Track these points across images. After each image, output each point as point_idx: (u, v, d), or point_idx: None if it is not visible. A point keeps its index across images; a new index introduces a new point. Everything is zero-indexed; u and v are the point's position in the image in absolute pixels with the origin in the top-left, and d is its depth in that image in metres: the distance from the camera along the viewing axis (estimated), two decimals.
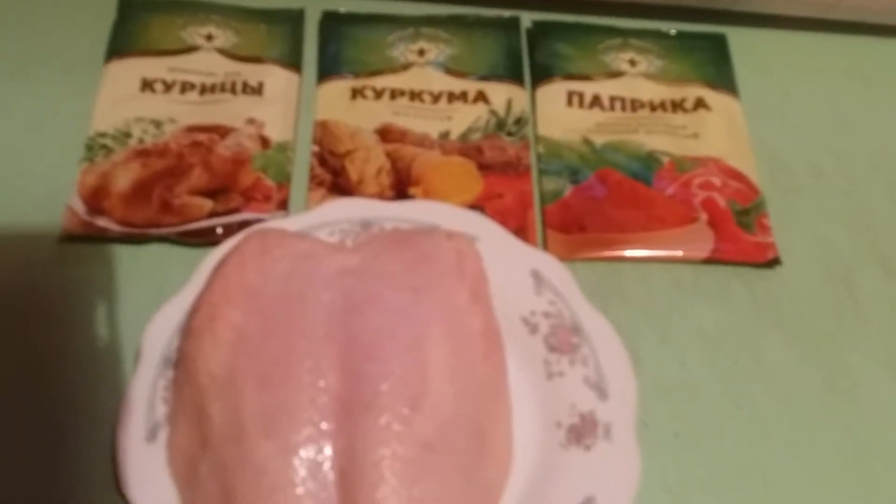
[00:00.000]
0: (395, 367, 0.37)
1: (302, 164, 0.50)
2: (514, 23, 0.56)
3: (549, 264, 0.45)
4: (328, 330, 0.38)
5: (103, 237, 0.46)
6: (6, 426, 0.41)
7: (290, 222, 0.45)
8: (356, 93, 0.52)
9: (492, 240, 0.45)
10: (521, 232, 0.48)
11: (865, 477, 0.42)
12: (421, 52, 0.54)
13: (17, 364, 0.43)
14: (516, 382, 0.42)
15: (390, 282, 0.39)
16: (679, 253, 0.48)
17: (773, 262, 0.48)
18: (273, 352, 0.38)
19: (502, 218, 0.48)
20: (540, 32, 0.56)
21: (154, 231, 0.46)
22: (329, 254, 0.41)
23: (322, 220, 0.46)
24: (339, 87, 0.53)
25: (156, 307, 0.43)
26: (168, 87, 0.51)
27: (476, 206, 0.48)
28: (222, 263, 0.41)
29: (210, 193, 0.47)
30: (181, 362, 0.40)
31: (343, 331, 0.38)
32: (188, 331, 0.40)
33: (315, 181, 0.49)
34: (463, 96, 0.53)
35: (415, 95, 0.53)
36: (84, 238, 0.46)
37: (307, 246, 0.41)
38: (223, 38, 0.54)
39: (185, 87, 0.52)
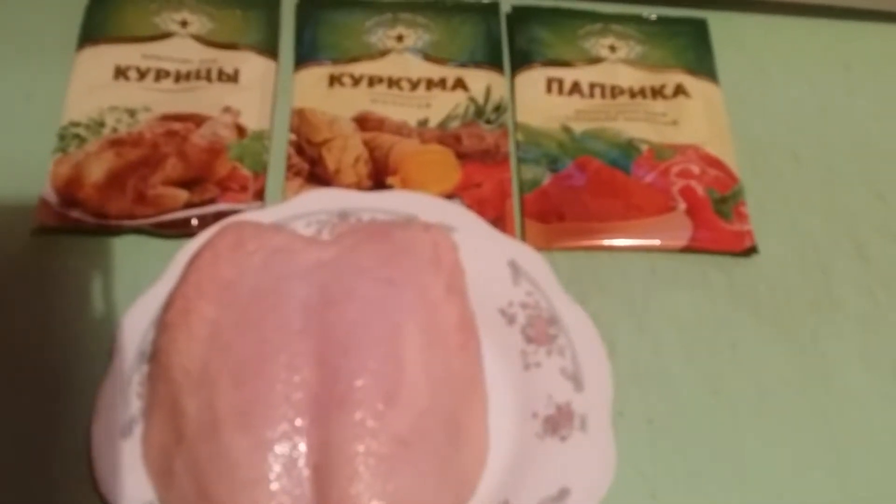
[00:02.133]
0: (369, 363, 0.37)
1: (279, 154, 0.50)
2: (493, 8, 0.55)
3: (526, 255, 0.45)
4: (303, 324, 0.38)
5: (77, 229, 0.46)
6: None
7: (267, 213, 0.45)
8: (334, 80, 0.52)
9: (469, 230, 0.45)
10: (500, 221, 0.47)
11: (840, 463, 0.42)
12: (399, 38, 0.54)
13: None
14: (493, 373, 0.42)
15: (366, 275, 0.39)
16: (657, 242, 0.48)
17: (751, 251, 0.48)
18: (247, 347, 0.37)
19: (480, 207, 0.48)
20: (519, 18, 0.55)
21: (129, 222, 0.46)
22: (304, 247, 0.40)
23: (298, 211, 0.45)
24: (316, 74, 0.52)
25: (131, 300, 0.43)
26: (142, 74, 0.51)
27: (454, 196, 0.48)
28: (196, 257, 0.40)
29: (185, 184, 0.47)
30: (155, 357, 0.40)
31: (318, 325, 0.38)
32: (162, 325, 0.40)
33: (292, 171, 0.49)
34: (442, 83, 0.52)
35: (393, 82, 0.52)
36: (58, 230, 0.46)
37: (282, 239, 0.41)
38: (198, 23, 0.53)
39: (160, 74, 0.51)
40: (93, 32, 0.52)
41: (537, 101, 0.52)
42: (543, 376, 0.42)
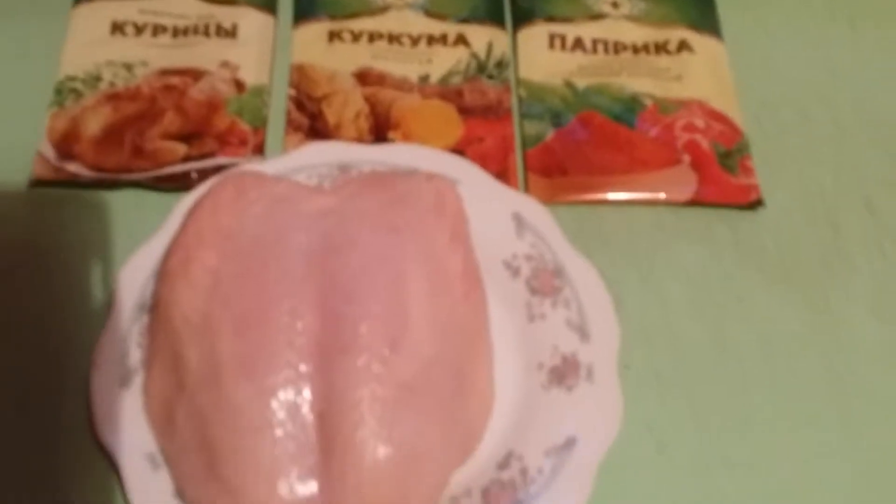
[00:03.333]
0: (374, 308, 0.36)
1: (278, 109, 0.49)
2: None
3: (530, 207, 0.44)
4: (306, 272, 0.37)
5: (75, 183, 0.45)
6: None
7: (267, 166, 0.44)
8: (333, 36, 0.51)
9: (473, 183, 0.45)
10: (503, 176, 0.47)
11: (846, 415, 0.42)
12: None
13: None
14: (497, 325, 0.42)
15: (369, 222, 0.38)
16: (662, 195, 0.47)
17: (756, 204, 0.47)
18: (249, 294, 0.37)
19: (483, 162, 0.47)
20: None
21: (126, 176, 0.45)
22: (306, 196, 0.40)
23: (299, 164, 0.45)
24: (315, 30, 0.51)
25: (130, 253, 0.42)
26: (139, 29, 0.50)
27: (456, 150, 0.47)
28: (196, 206, 0.40)
29: (183, 138, 0.46)
30: (156, 307, 0.39)
31: (321, 272, 0.37)
32: (162, 274, 0.39)
33: (292, 126, 0.48)
34: (443, 39, 0.51)
35: (393, 38, 0.51)
36: (55, 184, 0.45)
37: (283, 188, 0.40)
38: None
39: (157, 29, 0.50)
40: None
41: (540, 57, 0.51)
42: (548, 328, 0.42)
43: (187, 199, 0.43)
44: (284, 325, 0.36)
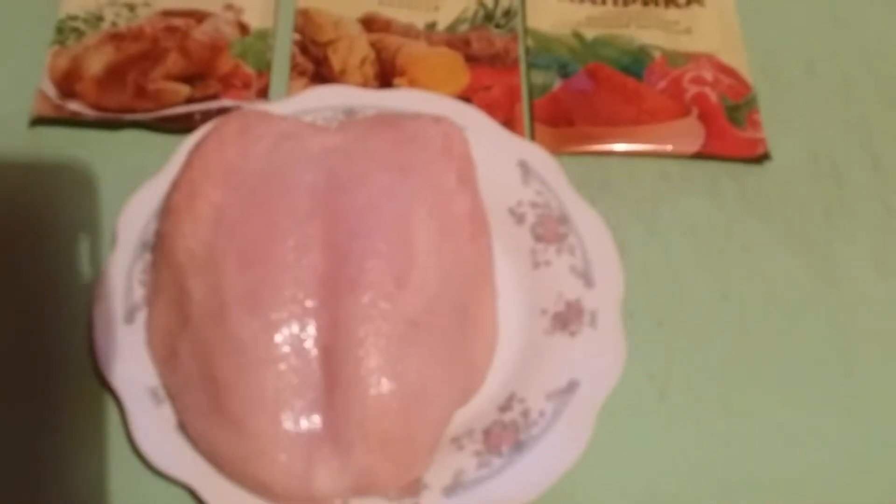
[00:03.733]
0: (380, 245, 0.36)
1: (282, 53, 0.48)
2: None
3: (536, 155, 0.44)
4: (312, 208, 0.37)
5: (76, 121, 0.44)
6: None
7: (271, 108, 0.44)
8: None
9: (479, 130, 0.44)
10: (509, 124, 0.46)
11: (849, 366, 0.42)
12: None
13: None
14: (502, 272, 0.42)
15: (376, 161, 0.38)
16: (668, 147, 0.47)
17: (763, 158, 0.47)
18: (254, 229, 0.37)
19: (489, 110, 0.46)
20: None
21: (129, 116, 0.45)
22: (312, 134, 0.39)
23: (304, 107, 0.44)
24: None
25: (132, 189, 0.42)
26: None
27: (462, 98, 0.47)
28: (201, 142, 0.39)
29: (186, 79, 0.46)
30: (160, 242, 0.39)
31: (327, 209, 0.37)
32: (166, 209, 0.39)
33: (296, 70, 0.47)
34: None
35: None
36: (56, 122, 0.44)
37: (289, 126, 0.39)
38: None
39: None
40: None
41: (548, 6, 0.51)
42: (553, 274, 0.42)
43: (191, 139, 0.42)
44: (290, 261, 0.36)
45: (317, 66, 0.48)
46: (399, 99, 0.45)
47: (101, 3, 0.48)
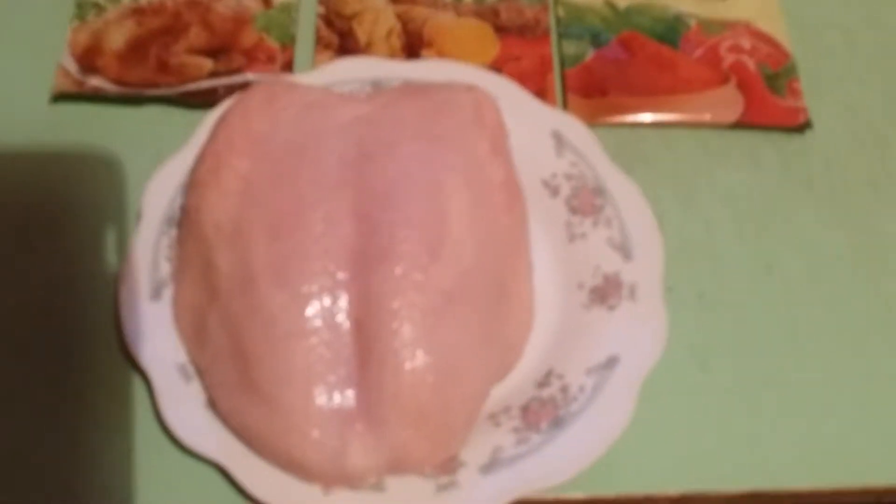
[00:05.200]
0: (412, 215, 0.35)
1: (307, 26, 0.47)
2: None
3: (570, 125, 0.43)
4: (341, 178, 0.36)
5: (98, 97, 0.43)
6: (4, 291, 0.39)
7: (297, 80, 0.43)
8: None
9: (511, 100, 0.43)
10: (541, 95, 0.45)
11: (892, 337, 0.40)
12: None
13: (13, 229, 0.41)
14: (536, 245, 0.40)
15: (406, 130, 0.37)
16: (706, 117, 0.45)
17: (804, 127, 0.45)
18: (283, 201, 0.35)
19: (521, 81, 0.45)
20: None
21: (151, 91, 0.44)
22: (340, 103, 0.38)
23: (330, 80, 0.43)
24: None
25: (155, 168, 0.41)
26: None
27: (493, 69, 0.46)
28: (226, 114, 0.38)
29: (210, 53, 0.45)
30: (186, 216, 0.38)
31: (357, 179, 0.35)
32: (192, 183, 0.38)
33: (321, 43, 0.46)
34: None
35: None
36: (77, 98, 0.43)
37: (317, 95, 0.38)
38: None
39: None
40: None
41: None
42: (590, 247, 0.40)
43: (215, 113, 0.41)
44: (320, 232, 0.35)
45: (342, 39, 0.46)
46: (427, 70, 0.44)
47: None
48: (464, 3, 0.48)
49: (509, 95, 0.43)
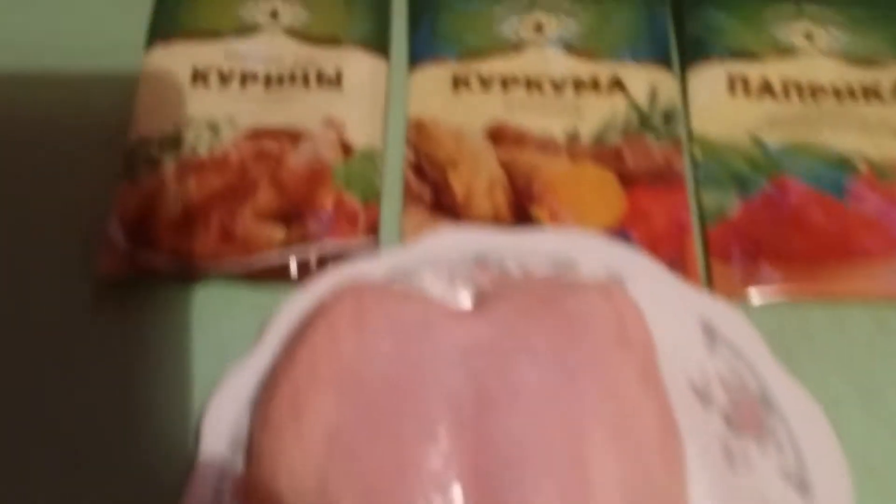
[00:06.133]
0: (546, 482, 0.27)
1: (394, 177, 0.40)
2: None
3: (723, 313, 0.34)
4: (453, 428, 0.28)
5: (150, 275, 0.36)
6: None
7: (385, 261, 0.35)
8: (459, 82, 0.42)
9: (646, 281, 0.35)
10: (678, 264, 0.37)
11: None
12: (538, 28, 0.43)
13: (52, 440, 0.34)
14: (689, 475, 0.32)
15: (535, 362, 0.29)
16: (886, 290, 0.37)
17: None
18: (380, 456, 0.28)
19: (653, 246, 0.37)
20: None
21: (214, 267, 0.36)
22: (447, 321, 0.30)
23: (424, 256, 0.35)
24: (436, 75, 0.42)
25: (218, 365, 0.34)
26: (225, 78, 0.41)
27: (618, 232, 0.38)
28: (307, 333, 0.31)
29: (281, 217, 0.38)
30: (257, 462, 0.30)
31: (474, 431, 0.28)
32: (264, 420, 0.30)
33: (411, 198, 0.39)
34: (594, 84, 0.42)
35: (532, 84, 0.42)
36: (127, 278, 0.37)
37: (416, 310, 0.30)
38: (291, 13, 0.43)
39: (246, 78, 0.41)
40: (164, 27, 0.42)
41: (717, 104, 0.41)
42: (756, 478, 0.32)
43: (289, 306, 0.34)
44: (427, 500, 0.27)
45: (435, 193, 0.39)
46: (541, 242, 0.36)
47: (178, 122, 0.40)
48: (580, 144, 0.40)
49: (644, 275, 0.35)
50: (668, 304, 0.34)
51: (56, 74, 0.42)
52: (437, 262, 0.35)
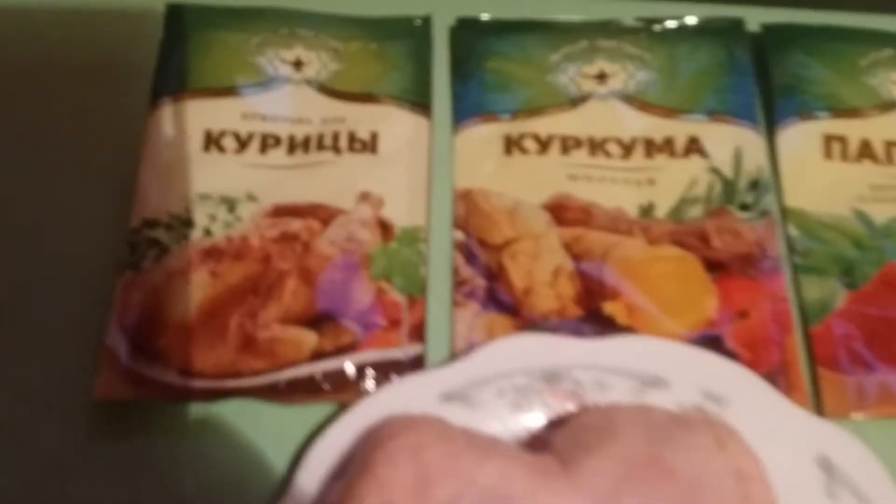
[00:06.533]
0: None
1: (441, 263, 0.34)
2: (736, 28, 0.38)
3: (844, 445, 0.29)
4: None
5: (156, 396, 0.31)
6: None
7: (436, 378, 0.30)
8: (511, 143, 0.36)
9: (750, 406, 0.29)
10: (781, 374, 0.31)
11: None
12: (601, 77, 0.37)
13: None
14: None
15: None
16: None
17: None
18: None
19: (750, 351, 0.32)
20: (776, 42, 0.38)
21: (233, 383, 0.31)
22: (530, 483, 0.25)
23: (483, 373, 0.30)
24: (486, 135, 0.36)
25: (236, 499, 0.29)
26: (242, 143, 0.35)
27: (710, 334, 0.32)
28: (353, 492, 0.25)
29: (312, 320, 0.32)
30: None
31: None
32: None
33: (462, 291, 0.33)
34: (668, 146, 0.36)
35: (597, 146, 0.36)
36: (130, 400, 0.31)
37: (492, 472, 0.25)
38: (317, 64, 0.37)
39: (267, 142, 0.35)
40: (171, 82, 0.36)
41: (813, 171, 0.35)
42: None
43: (324, 443, 0.28)
44: None
45: (490, 283, 0.33)
46: (620, 353, 0.30)
47: (188, 198, 0.34)
48: (656, 220, 0.34)
49: (747, 397, 0.30)
50: (777, 435, 0.29)
51: (49, 148, 0.36)
52: (498, 380, 0.30)
